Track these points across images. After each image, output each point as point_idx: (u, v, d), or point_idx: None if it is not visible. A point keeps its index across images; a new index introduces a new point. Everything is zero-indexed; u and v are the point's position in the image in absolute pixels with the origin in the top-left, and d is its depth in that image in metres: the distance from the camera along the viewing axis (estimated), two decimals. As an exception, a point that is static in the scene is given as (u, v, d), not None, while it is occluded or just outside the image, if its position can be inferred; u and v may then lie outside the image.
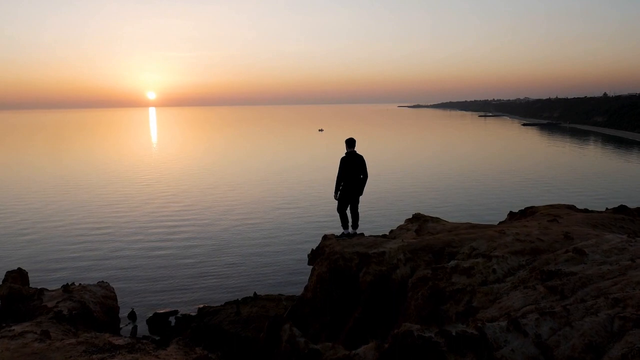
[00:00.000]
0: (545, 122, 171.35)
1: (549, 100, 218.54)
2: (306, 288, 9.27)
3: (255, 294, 19.16)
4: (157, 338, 18.15)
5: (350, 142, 9.98)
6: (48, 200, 41.36)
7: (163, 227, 33.30)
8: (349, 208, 10.21)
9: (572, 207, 10.43)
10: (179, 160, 71.70)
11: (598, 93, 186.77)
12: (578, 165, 64.18)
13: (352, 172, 9.86)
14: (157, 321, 18.89)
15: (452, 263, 7.33)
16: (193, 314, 18.83)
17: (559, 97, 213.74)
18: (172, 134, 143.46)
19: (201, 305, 19.31)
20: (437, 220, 10.76)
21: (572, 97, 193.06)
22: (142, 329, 18.73)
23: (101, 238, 30.28)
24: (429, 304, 6.96)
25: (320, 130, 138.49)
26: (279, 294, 19.23)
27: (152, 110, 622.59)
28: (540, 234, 7.80)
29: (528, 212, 10.57)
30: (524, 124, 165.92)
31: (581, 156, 74.76)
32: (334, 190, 10.14)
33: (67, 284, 7.47)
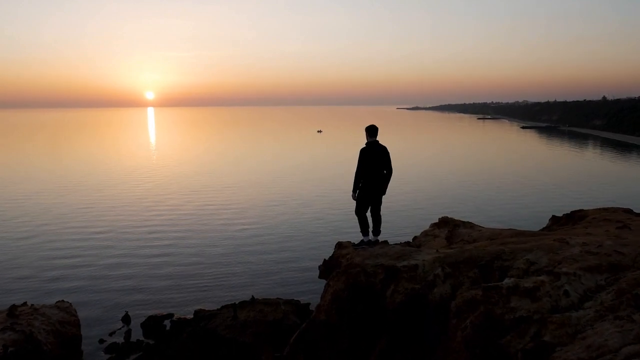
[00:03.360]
0: (544, 125, 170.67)
1: (547, 103, 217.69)
2: (318, 308, 7.63)
3: (253, 297, 18.41)
4: (152, 342, 16.96)
5: (372, 130, 8.16)
6: (48, 203, 40.20)
7: (161, 229, 32.16)
8: (369, 210, 8.39)
9: (629, 211, 8.87)
10: (177, 162, 70.55)
11: (597, 96, 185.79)
12: (582, 167, 62.99)
13: (374, 167, 8.07)
14: (152, 325, 18.33)
15: (509, 281, 5.75)
16: (189, 317, 18.23)
17: (557, 100, 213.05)
18: (171, 135, 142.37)
19: (197, 309, 18.61)
20: (470, 225, 9.14)
21: (571, 100, 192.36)
22: (137, 332, 17.94)
23: (100, 243, 29.14)
24: (482, 336, 5.39)
25: (319, 131, 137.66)
26: (277, 298, 18.49)
27: (150, 111, 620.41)
28: (615, 245, 6.23)
29: (576, 217, 8.99)
30: (522, 127, 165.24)
31: (584, 158, 73.64)
32: (352, 190, 8.31)
33: (15, 305, 5.81)
